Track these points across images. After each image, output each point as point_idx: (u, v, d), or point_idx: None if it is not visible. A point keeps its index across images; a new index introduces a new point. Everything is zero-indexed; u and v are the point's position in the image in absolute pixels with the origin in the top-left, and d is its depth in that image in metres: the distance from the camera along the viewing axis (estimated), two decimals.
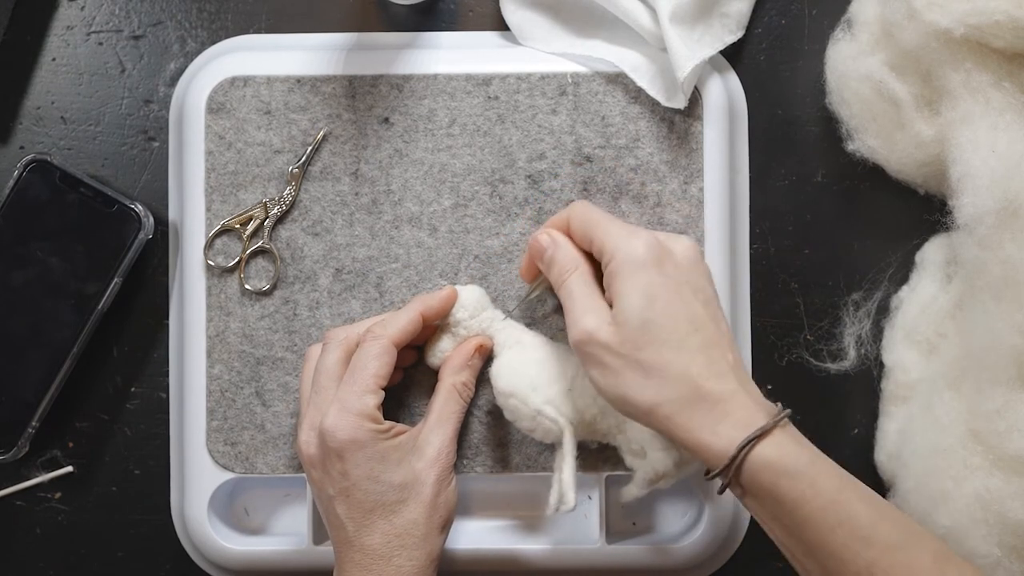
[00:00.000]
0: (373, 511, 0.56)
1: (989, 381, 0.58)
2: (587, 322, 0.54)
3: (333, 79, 0.65)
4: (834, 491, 0.50)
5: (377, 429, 0.57)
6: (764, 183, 0.67)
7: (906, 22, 0.60)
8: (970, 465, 0.59)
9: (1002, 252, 0.58)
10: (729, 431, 0.51)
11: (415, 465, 0.58)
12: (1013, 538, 0.57)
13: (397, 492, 0.57)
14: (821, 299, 0.67)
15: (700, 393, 0.52)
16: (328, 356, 0.59)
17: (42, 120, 0.67)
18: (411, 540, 0.56)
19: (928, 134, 0.62)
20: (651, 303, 0.53)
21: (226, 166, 0.65)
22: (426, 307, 0.61)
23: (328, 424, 0.56)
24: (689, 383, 0.52)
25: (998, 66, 0.59)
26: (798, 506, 0.50)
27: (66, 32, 0.67)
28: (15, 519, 0.67)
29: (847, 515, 0.49)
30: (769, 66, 0.67)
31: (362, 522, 0.56)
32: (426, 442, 0.59)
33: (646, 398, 0.53)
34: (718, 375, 0.53)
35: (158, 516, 0.67)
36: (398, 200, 0.65)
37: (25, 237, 0.63)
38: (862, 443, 0.66)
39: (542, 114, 0.64)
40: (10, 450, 0.64)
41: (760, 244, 0.67)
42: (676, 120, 0.64)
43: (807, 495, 0.50)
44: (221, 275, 0.65)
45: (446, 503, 0.58)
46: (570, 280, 0.56)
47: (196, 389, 0.64)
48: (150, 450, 0.67)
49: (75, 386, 0.66)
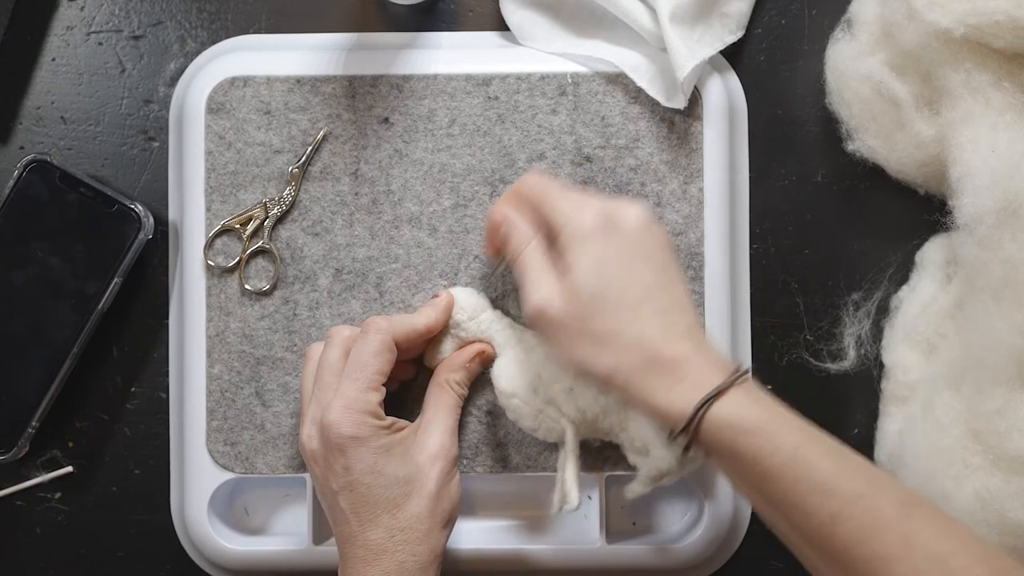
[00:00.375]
0: (376, 505, 0.56)
1: (989, 381, 0.58)
2: (539, 296, 0.55)
3: (333, 79, 0.65)
4: (792, 446, 0.51)
5: (379, 425, 0.57)
6: (764, 183, 0.67)
7: (906, 22, 0.60)
8: (970, 465, 0.58)
9: (1002, 252, 0.58)
10: (686, 392, 0.52)
11: (417, 459, 0.58)
12: (1013, 538, 0.57)
13: (400, 486, 0.57)
14: (821, 299, 0.67)
15: (656, 358, 0.53)
16: (331, 352, 0.59)
17: (42, 120, 0.67)
18: (414, 535, 0.56)
19: (928, 134, 0.62)
20: (601, 273, 0.54)
21: (226, 166, 0.65)
22: (431, 321, 0.61)
23: (331, 419, 0.56)
24: (643, 349, 0.53)
25: (998, 66, 0.59)
26: (757, 461, 0.51)
27: (66, 32, 0.67)
28: (15, 519, 0.67)
29: (807, 470, 0.50)
30: (769, 66, 0.67)
31: (365, 517, 0.56)
32: (427, 436, 0.59)
33: (602, 366, 0.54)
34: (673, 339, 0.53)
35: (158, 516, 0.67)
36: (398, 200, 0.65)
37: (25, 237, 0.63)
38: (862, 443, 0.66)
39: (542, 114, 0.64)
40: (10, 450, 0.64)
41: (760, 244, 0.67)
42: (676, 120, 0.64)
43: (765, 450, 0.51)
44: (221, 275, 0.65)
45: (449, 498, 0.58)
46: (523, 256, 0.57)
47: (196, 389, 0.64)
48: (150, 450, 0.67)
49: (75, 386, 0.66)
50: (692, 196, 0.64)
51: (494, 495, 0.67)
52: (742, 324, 0.66)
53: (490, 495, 0.67)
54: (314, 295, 0.65)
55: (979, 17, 0.58)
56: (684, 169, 0.64)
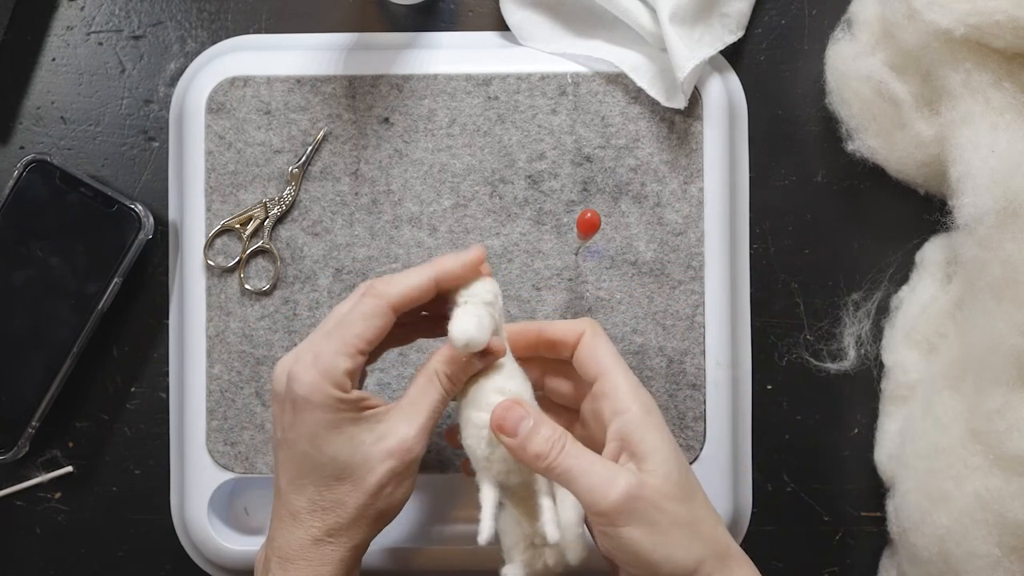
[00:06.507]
0: (306, 475, 0.52)
1: (989, 381, 0.58)
2: (623, 481, 0.50)
3: (333, 79, 0.65)
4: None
5: (338, 397, 0.51)
6: (764, 183, 0.67)
7: (906, 22, 0.60)
8: (970, 465, 0.58)
9: (1002, 252, 0.58)
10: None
11: (369, 449, 0.51)
12: (1013, 538, 0.57)
13: (335, 468, 0.51)
14: (821, 299, 0.67)
15: (728, 551, 0.52)
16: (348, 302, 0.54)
17: (42, 120, 0.67)
18: (335, 519, 0.52)
19: (928, 134, 0.62)
20: (680, 456, 0.52)
21: (226, 166, 0.65)
22: (442, 271, 0.53)
23: (294, 370, 0.52)
24: (717, 541, 0.52)
25: (998, 66, 0.59)
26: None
27: (66, 32, 0.67)
28: (15, 519, 0.67)
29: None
30: (769, 66, 0.67)
31: (293, 479, 0.52)
32: (390, 429, 0.52)
33: (692, 556, 0.50)
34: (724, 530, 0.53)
35: (158, 516, 0.67)
36: (398, 200, 0.65)
37: (25, 237, 0.63)
38: (862, 443, 0.66)
39: (542, 114, 0.64)
40: (10, 450, 0.64)
41: (760, 244, 0.67)
42: (676, 120, 0.64)
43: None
44: (221, 275, 0.65)
45: (390, 499, 0.52)
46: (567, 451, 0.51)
47: (196, 389, 0.64)
48: (150, 450, 0.67)
49: (75, 386, 0.66)
50: (692, 196, 0.64)
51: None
52: (742, 324, 0.66)
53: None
54: (314, 295, 0.65)
55: (979, 17, 0.58)
56: (684, 169, 0.64)
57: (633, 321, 0.64)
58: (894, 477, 0.64)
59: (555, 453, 0.51)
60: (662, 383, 0.64)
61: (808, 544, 0.67)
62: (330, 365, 0.51)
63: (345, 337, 0.52)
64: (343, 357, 0.51)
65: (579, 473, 0.50)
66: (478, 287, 0.54)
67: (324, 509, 0.52)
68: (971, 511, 0.58)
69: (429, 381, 0.53)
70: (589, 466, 0.50)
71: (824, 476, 0.67)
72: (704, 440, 0.64)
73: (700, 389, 0.64)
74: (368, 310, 0.52)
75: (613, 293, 0.64)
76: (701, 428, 0.64)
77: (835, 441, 0.67)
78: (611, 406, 0.53)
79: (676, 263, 0.64)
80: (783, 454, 0.67)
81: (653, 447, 0.51)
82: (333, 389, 0.51)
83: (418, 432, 0.52)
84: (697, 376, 0.64)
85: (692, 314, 0.64)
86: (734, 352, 0.65)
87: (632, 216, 0.64)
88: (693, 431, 0.64)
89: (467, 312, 0.52)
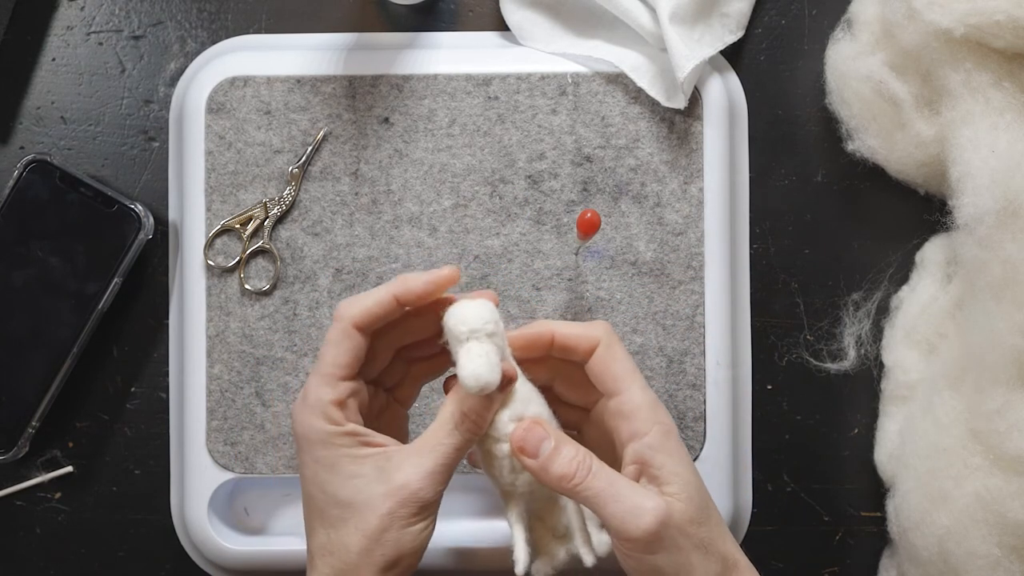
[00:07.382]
0: (314, 516, 0.51)
1: (989, 381, 0.58)
2: (652, 507, 0.49)
3: (333, 79, 0.65)
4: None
5: (329, 431, 0.50)
6: (764, 183, 0.67)
7: (906, 22, 0.60)
8: (970, 465, 0.58)
9: (1002, 252, 0.58)
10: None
11: (371, 488, 0.49)
12: (1013, 538, 0.57)
13: (338, 508, 0.50)
14: (821, 299, 0.67)
15: (732, 560, 0.52)
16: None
17: (42, 120, 0.67)
18: (340, 565, 0.50)
19: (928, 134, 0.62)
20: (697, 475, 0.52)
21: (226, 166, 0.65)
22: (404, 289, 0.51)
23: (293, 410, 0.52)
24: (729, 556, 0.52)
25: (998, 66, 0.59)
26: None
27: (66, 32, 0.67)
28: (15, 519, 0.67)
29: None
30: (769, 66, 0.67)
31: (307, 521, 0.52)
32: (396, 467, 0.50)
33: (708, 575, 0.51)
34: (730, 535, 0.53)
35: (158, 516, 0.67)
36: (398, 200, 0.65)
37: (25, 237, 0.63)
38: (862, 443, 0.66)
39: (542, 114, 0.64)
40: (10, 450, 0.64)
41: (760, 244, 0.67)
42: (676, 120, 0.64)
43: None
44: (221, 275, 0.65)
45: (397, 543, 0.49)
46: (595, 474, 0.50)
47: (196, 389, 0.64)
48: (150, 450, 0.67)
49: (75, 386, 0.66)
50: (692, 196, 0.64)
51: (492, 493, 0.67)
52: (742, 324, 0.66)
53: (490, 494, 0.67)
54: (314, 295, 0.65)
55: (979, 17, 0.58)
56: (684, 169, 0.64)
57: (633, 321, 0.64)
58: (894, 477, 0.64)
59: (581, 475, 0.50)
60: (662, 383, 0.64)
61: (808, 544, 0.67)
62: (315, 399, 0.50)
63: (321, 368, 0.51)
64: (324, 388, 0.50)
65: (608, 499, 0.49)
66: (472, 317, 0.50)
67: (330, 552, 0.50)
68: (971, 511, 0.58)
69: (442, 424, 0.51)
70: (618, 491, 0.50)
71: (824, 476, 0.67)
72: (704, 440, 0.64)
73: (700, 389, 0.64)
74: (333, 336, 0.51)
75: (613, 293, 0.64)
76: (701, 428, 0.64)
77: (835, 441, 0.67)
78: (629, 427, 0.52)
79: (676, 263, 0.64)
80: (783, 454, 0.67)
81: (674, 472, 0.51)
82: (323, 423, 0.50)
83: (425, 475, 0.50)
84: (697, 376, 0.64)
85: (692, 314, 0.64)
86: (734, 352, 0.65)
87: (632, 216, 0.64)
88: (693, 431, 0.64)
89: (473, 353, 0.49)
